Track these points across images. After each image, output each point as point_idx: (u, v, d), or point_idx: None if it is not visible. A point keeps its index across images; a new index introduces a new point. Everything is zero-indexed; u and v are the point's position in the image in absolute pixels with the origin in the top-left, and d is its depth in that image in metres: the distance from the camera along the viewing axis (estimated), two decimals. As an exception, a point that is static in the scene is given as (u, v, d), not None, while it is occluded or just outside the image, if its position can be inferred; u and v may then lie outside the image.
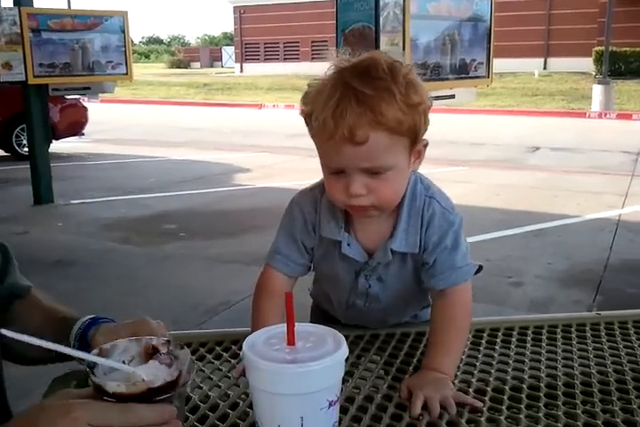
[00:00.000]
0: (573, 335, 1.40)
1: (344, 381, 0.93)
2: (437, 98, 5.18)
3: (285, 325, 0.87)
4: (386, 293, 1.40)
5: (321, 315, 1.59)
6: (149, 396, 0.80)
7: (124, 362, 0.85)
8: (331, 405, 0.83)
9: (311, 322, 1.19)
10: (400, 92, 1.14)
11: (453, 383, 1.17)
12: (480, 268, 1.38)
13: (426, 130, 1.22)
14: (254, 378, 0.83)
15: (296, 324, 0.86)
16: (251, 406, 1.07)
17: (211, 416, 1.09)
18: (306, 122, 1.22)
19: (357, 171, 1.18)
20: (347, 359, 0.87)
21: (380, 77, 1.15)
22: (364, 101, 1.12)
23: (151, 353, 0.87)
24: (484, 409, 1.09)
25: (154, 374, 0.82)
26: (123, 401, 0.79)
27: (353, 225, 1.33)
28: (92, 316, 1.21)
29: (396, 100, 1.13)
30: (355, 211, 1.27)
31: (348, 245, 1.32)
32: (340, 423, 0.94)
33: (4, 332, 0.82)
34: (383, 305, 1.43)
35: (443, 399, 1.09)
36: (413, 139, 1.20)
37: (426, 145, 1.25)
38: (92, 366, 0.82)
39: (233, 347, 1.37)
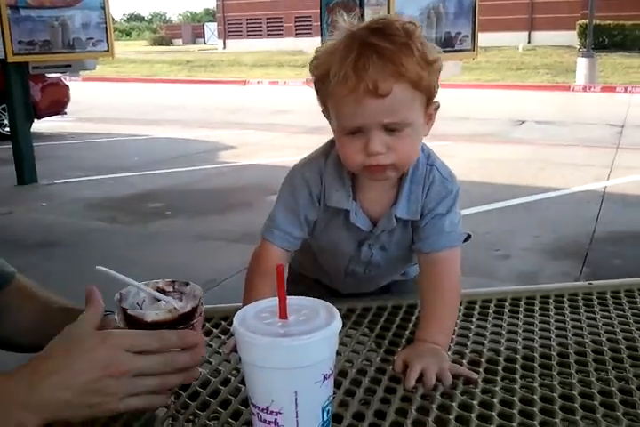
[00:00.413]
0: (566, 305, 1.39)
1: (337, 354, 0.91)
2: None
3: (276, 298, 0.84)
4: (387, 260, 1.42)
5: (294, 288, 1.55)
6: (179, 322, 0.94)
7: (137, 305, 0.99)
8: (325, 378, 0.81)
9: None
10: (417, 48, 1.15)
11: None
12: (468, 237, 1.38)
13: (437, 93, 1.22)
14: (246, 353, 0.81)
15: (288, 297, 0.84)
16: (242, 381, 1.05)
17: (202, 393, 1.07)
18: (317, 86, 1.22)
19: (377, 127, 1.16)
20: (339, 333, 0.85)
21: (395, 34, 1.15)
22: (384, 54, 1.12)
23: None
24: (479, 380, 1.09)
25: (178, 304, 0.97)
26: (156, 329, 0.92)
27: (359, 194, 1.32)
28: None
29: (414, 55, 1.14)
30: (372, 172, 1.23)
31: (356, 214, 1.32)
32: (333, 398, 0.93)
33: (100, 268, 0.95)
34: (382, 271, 1.47)
35: (439, 371, 1.09)
36: (428, 98, 1.20)
37: (437, 108, 1.25)
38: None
39: (223, 323, 1.35)
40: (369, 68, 1.11)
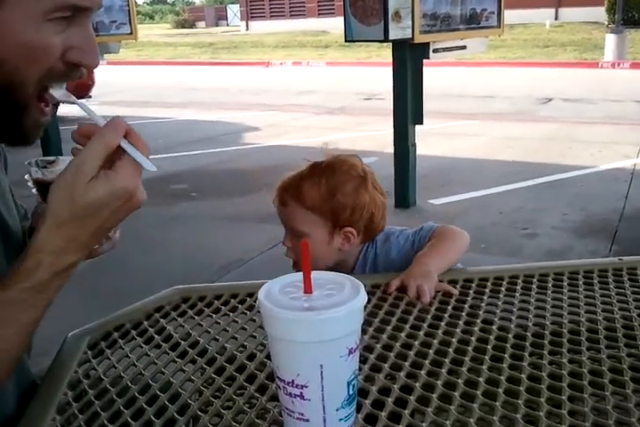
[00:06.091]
0: (595, 281, 1.37)
1: (362, 331, 0.91)
2: (448, 49, 5.08)
3: (300, 273, 0.84)
4: None
5: None
6: None
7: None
8: (350, 353, 0.81)
9: None
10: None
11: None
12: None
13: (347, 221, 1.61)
14: (272, 327, 0.81)
15: (313, 271, 0.83)
16: (268, 356, 1.05)
17: (228, 368, 1.08)
18: None
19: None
20: (364, 308, 0.84)
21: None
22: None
23: None
24: (506, 356, 1.08)
25: None
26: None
27: None
28: None
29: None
30: None
31: None
32: (359, 373, 0.92)
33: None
34: None
35: (429, 289, 1.33)
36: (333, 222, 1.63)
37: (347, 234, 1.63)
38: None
39: (248, 299, 1.35)
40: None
